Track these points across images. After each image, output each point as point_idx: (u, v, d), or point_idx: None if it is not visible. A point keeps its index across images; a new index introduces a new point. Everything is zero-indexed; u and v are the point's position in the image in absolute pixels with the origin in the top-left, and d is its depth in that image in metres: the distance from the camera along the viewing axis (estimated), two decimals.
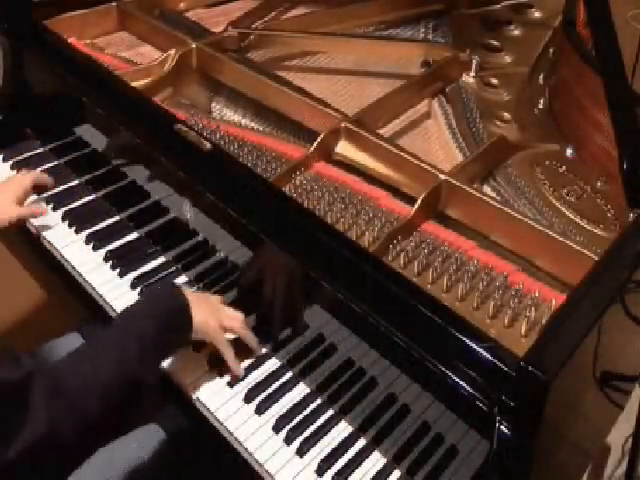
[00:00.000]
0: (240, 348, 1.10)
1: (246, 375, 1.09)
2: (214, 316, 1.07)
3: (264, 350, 1.13)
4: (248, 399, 1.06)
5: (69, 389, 0.88)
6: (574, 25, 1.45)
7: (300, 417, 1.04)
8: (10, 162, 1.49)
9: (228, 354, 1.08)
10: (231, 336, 1.10)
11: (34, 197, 1.39)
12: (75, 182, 1.45)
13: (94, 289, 1.23)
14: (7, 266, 1.58)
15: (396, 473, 0.98)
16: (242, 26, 1.64)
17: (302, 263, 1.05)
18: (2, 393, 0.82)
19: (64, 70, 1.42)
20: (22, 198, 1.33)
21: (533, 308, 1.00)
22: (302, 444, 1.00)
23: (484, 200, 1.16)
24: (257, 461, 0.99)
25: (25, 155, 1.51)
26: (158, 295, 1.08)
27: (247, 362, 1.11)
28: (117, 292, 1.22)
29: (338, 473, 0.98)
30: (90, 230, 1.34)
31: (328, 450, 1.00)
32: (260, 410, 1.05)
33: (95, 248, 1.30)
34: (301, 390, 1.08)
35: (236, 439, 1.02)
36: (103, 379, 0.91)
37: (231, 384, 1.08)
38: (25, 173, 1.39)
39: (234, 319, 1.10)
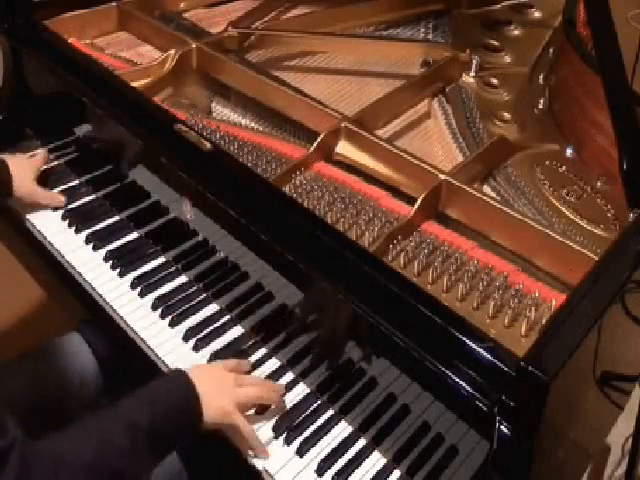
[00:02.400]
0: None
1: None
2: (230, 398, 0.96)
3: (264, 350, 1.13)
4: None
5: (43, 473, 0.78)
6: (574, 25, 1.45)
7: (300, 417, 1.04)
8: None
9: (253, 440, 0.97)
10: None
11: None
12: (75, 182, 1.45)
13: (94, 289, 1.23)
14: (7, 266, 1.58)
15: (396, 473, 0.98)
16: (242, 26, 1.64)
17: (302, 263, 1.05)
18: None
19: (64, 70, 1.42)
20: (36, 177, 1.37)
21: (533, 308, 1.00)
22: (302, 444, 1.00)
23: (484, 200, 1.16)
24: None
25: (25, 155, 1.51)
26: (163, 383, 0.95)
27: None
28: (117, 292, 1.22)
29: (338, 473, 0.98)
30: (90, 230, 1.34)
31: (328, 450, 1.00)
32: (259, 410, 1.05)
33: (95, 248, 1.30)
34: (301, 390, 1.08)
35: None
36: (86, 466, 0.81)
37: None
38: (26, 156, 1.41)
39: (250, 390, 1.00)
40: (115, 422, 0.86)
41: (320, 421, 1.04)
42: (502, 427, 0.85)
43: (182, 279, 1.25)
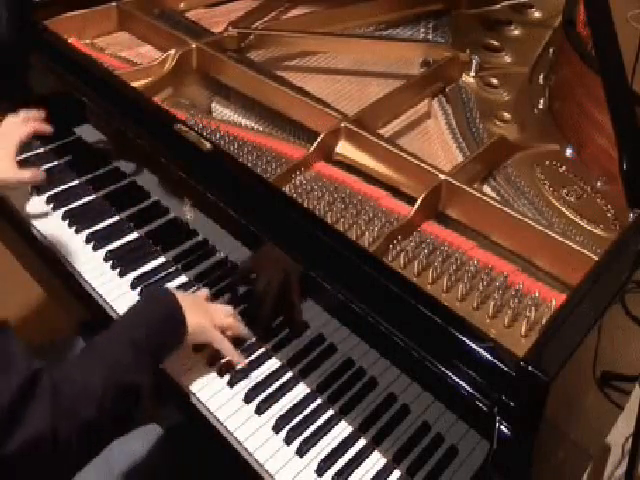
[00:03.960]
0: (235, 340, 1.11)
1: (246, 375, 1.09)
2: (206, 316, 1.08)
3: (264, 350, 1.13)
4: (248, 399, 1.06)
5: (69, 394, 0.88)
6: (574, 25, 1.45)
7: (300, 417, 1.04)
8: None
9: (227, 349, 1.09)
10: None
11: (35, 198, 1.39)
12: (75, 182, 1.45)
13: (94, 289, 1.23)
14: (7, 266, 1.58)
15: (396, 473, 0.98)
16: (242, 26, 1.64)
17: (302, 263, 1.05)
18: (14, 387, 0.83)
19: (64, 70, 1.42)
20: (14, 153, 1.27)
21: (533, 308, 1.00)
22: (302, 444, 1.00)
23: (484, 200, 1.16)
24: (257, 461, 0.99)
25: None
26: (151, 302, 1.08)
27: (247, 360, 1.11)
28: (117, 292, 1.22)
29: (338, 473, 0.98)
30: (90, 230, 1.34)
31: (328, 450, 1.00)
32: (260, 410, 1.05)
33: (95, 248, 1.30)
34: (301, 390, 1.08)
35: (236, 439, 1.02)
36: (98, 387, 0.91)
37: (231, 384, 1.08)
38: (21, 120, 1.31)
39: (225, 315, 1.11)
40: (119, 342, 0.98)
41: (320, 421, 1.04)
42: (502, 427, 0.85)
43: (182, 279, 1.25)
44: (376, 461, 1.00)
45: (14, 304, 1.99)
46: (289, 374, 1.10)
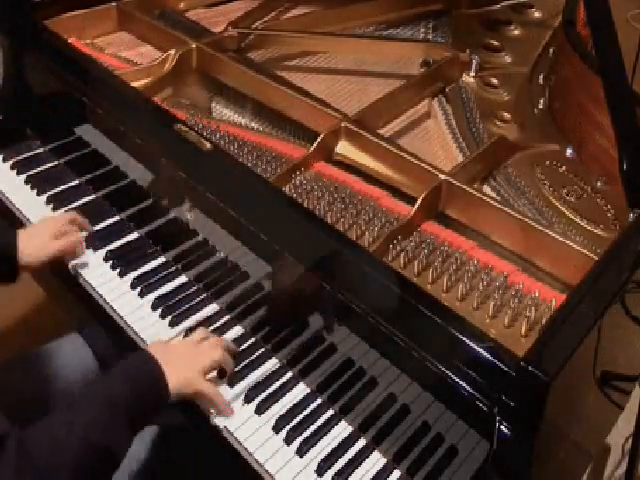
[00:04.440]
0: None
1: (246, 375, 1.09)
2: (194, 366, 1.03)
3: (264, 350, 1.13)
4: (248, 399, 1.06)
5: (39, 458, 0.83)
6: (574, 25, 1.45)
7: (300, 417, 1.04)
8: (10, 162, 1.49)
9: (216, 399, 1.04)
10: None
11: (36, 198, 1.39)
12: (75, 182, 1.45)
13: (94, 289, 1.23)
14: None
15: (396, 473, 0.98)
16: (242, 26, 1.64)
17: (302, 263, 1.05)
18: None
19: (64, 70, 1.42)
20: (59, 235, 1.26)
21: (533, 308, 1.00)
22: (302, 444, 1.00)
23: (484, 200, 1.16)
24: (257, 461, 0.99)
25: (25, 155, 1.51)
26: (130, 362, 1.01)
27: (246, 361, 1.11)
28: (117, 292, 1.22)
29: (338, 473, 0.98)
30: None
31: (328, 450, 1.00)
32: (260, 410, 1.05)
33: (95, 248, 1.30)
34: (301, 390, 1.08)
35: (236, 439, 1.02)
36: (75, 446, 0.86)
37: (231, 384, 1.08)
38: (66, 222, 1.30)
39: (212, 349, 1.06)
40: (97, 401, 0.93)
41: (320, 421, 1.04)
42: (502, 427, 0.85)
43: (182, 279, 1.25)
44: (376, 461, 1.00)
45: (14, 304, 1.99)
46: (289, 374, 1.10)
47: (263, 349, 1.13)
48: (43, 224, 1.29)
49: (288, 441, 1.01)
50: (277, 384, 1.09)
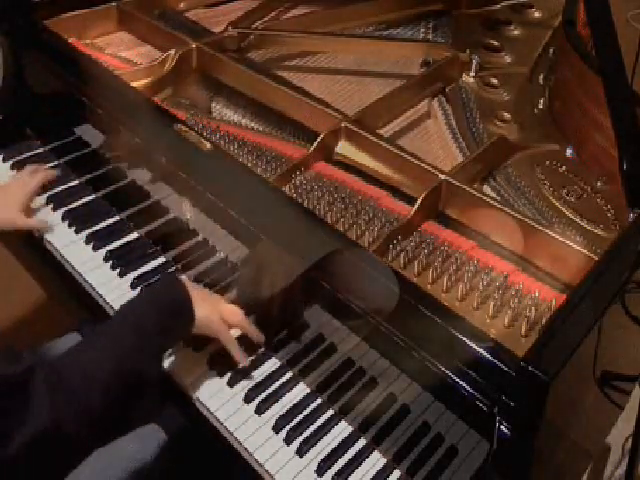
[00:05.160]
0: (242, 344, 1.10)
1: (246, 375, 1.09)
2: (215, 310, 1.07)
3: (263, 350, 1.13)
4: (248, 399, 1.06)
5: (69, 383, 0.87)
6: (574, 25, 1.45)
7: (300, 417, 1.04)
8: (10, 162, 1.49)
9: (232, 346, 1.08)
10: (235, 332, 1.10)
11: (36, 198, 1.39)
12: (75, 182, 1.45)
13: (94, 289, 1.23)
14: (7, 266, 1.58)
15: (396, 473, 0.98)
16: (242, 26, 1.64)
17: (302, 263, 1.05)
18: (3, 387, 0.82)
19: (64, 70, 1.43)
20: (26, 203, 1.34)
21: (533, 308, 1.00)
22: (302, 444, 1.00)
23: (484, 200, 1.16)
24: (257, 461, 0.99)
25: (25, 155, 1.51)
26: (159, 287, 1.08)
27: (249, 359, 1.11)
28: (117, 292, 1.22)
29: (338, 473, 0.98)
30: (90, 230, 1.34)
31: (328, 450, 1.00)
32: (260, 410, 1.05)
33: (95, 248, 1.30)
34: (301, 390, 1.08)
35: (236, 439, 1.02)
36: (103, 372, 0.90)
37: (231, 384, 1.08)
38: (28, 174, 1.38)
39: (234, 314, 1.10)
40: (126, 328, 0.97)
41: (320, 421, 1.04)
42: (502, 427, 0.85)
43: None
44: (376, 461, 1.00)
45: (14, 304, 1.99)
46: (289, 374, 1.10)
47: (263, 349, 1.13)
48: (9, 189, 1.35)
49: (288, 441, 1.01)
50: (277, 384, 1.09)
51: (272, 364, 1.12)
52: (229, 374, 1.09)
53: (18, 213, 1.32)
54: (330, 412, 1.05)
